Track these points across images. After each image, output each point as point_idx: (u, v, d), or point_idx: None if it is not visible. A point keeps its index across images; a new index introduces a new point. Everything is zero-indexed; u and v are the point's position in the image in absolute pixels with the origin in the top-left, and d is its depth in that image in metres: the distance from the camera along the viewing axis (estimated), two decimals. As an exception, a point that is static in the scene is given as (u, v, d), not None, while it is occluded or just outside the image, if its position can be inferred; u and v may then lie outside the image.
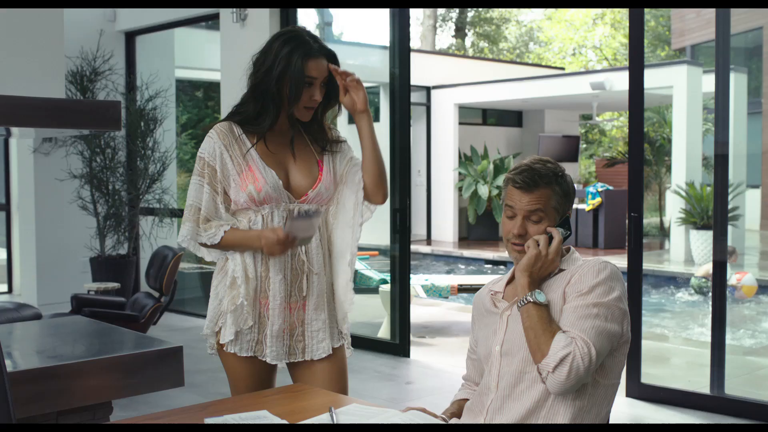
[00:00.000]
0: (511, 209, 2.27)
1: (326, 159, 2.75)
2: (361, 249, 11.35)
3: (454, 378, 2.67)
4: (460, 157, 16.43)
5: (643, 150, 5.28)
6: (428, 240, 16.46)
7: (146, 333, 5.66)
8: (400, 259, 6.40)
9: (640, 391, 5.17)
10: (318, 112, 2.73)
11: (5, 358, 2.97)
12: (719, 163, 5.20)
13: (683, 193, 12.49)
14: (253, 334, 2.68)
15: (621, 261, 4.76)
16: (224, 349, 2.71)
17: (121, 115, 2.86)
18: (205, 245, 2.67)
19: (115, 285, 6.58)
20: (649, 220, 17.72)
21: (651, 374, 5.71)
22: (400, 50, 6.43)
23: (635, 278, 5.16)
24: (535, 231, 2.24)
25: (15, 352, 3.12)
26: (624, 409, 5.03)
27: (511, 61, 25.08)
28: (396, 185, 6.34)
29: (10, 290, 9.46)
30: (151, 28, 8.41)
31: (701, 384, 5.29)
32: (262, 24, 6.90)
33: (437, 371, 6.03)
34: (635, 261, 5.16)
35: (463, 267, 14.26)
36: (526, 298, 2.16)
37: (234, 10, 7.00)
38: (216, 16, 7.43)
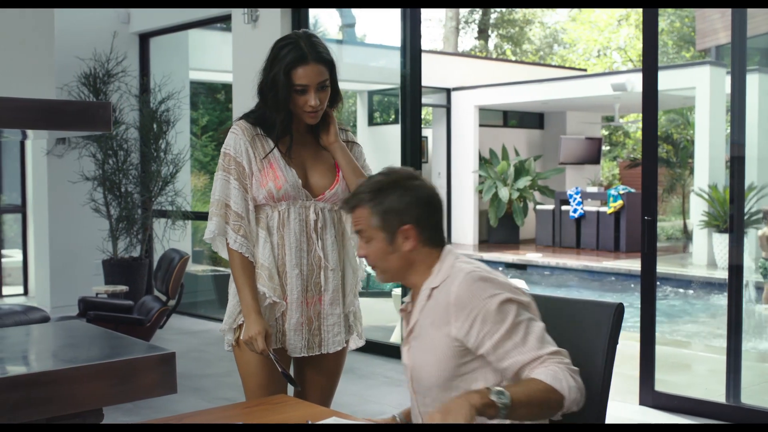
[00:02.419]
0: None
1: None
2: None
3: None
4: (480, 159, 16.30)
5: (657, 153, 5.16)
6: (448, 243, 16.31)
7: (153, 336, 5.62)
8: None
9: (654, 400, 5.04)
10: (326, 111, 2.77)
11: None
12: (735, 165, 5.06)
13: (706, 196, 12.29)
14: (278, 326, 2.75)
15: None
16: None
17: (112, 116, 2.79)
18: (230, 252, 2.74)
19: (123, 288, 6.54)
20: (673, 222, 17.49)
21: (668, 382, 5.58)
22: (411, 51, 6.32)
23: (649, 283, 5.04)
24: (368, 252, 2.18)
25: (4, 357, 3.06)
26: (636, 417, 4.90)
27: (532, 63, 24.91)
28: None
29: (25, 292, 9.48)
30: (164, 29, 8.38)
31: (719, 392, 5.15)
32: (273, 25, 6.84)
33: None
34: (649, 265, 5.04)
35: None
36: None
37: (245, 11, 6.94)
38: (228, 18, 7.38)
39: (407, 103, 6.35)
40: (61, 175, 7.85)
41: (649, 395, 5.05)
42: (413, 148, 6.31)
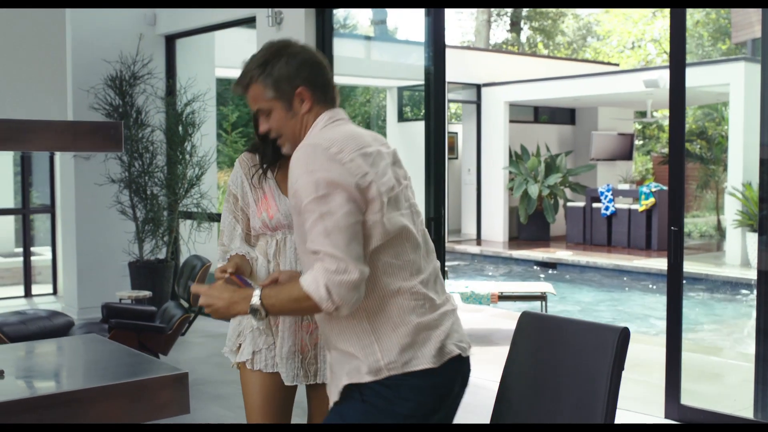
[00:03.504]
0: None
1: None
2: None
3: (488, 393, 2.56)
4: (510, 155, 16.18)
5: (684, 160, 5.03)
6: (478, 240, 16.25)
7: (174, 343, 5.62)
8: (435, 268, 6.23)
9: (680, 413, 4.93)
10: None
11: (6, 378, 2.92)
12: (766, 166, 4.91)
13: (739, 195, 12.09)
14: (273, 351, 2.74)
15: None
16: (246, 366, 2.79)
17: (122, 135, 2.78)
18: None
19: (147, 294, 6.56)
20: (707, 218, 17.24)
21: (696, 392, 5.47)
22: (435, 46, 6.22)
23: (675, 294, 4.93)
24: (270, 124, 2.30)
25: (16, 376, 3.05)
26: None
27: (563, 58, 24.68)
28: (431, 193, 6.19)
29: (54, 291, 9.56)
30: (191, 31, 8.37)
31: (749, 404, 5.04)
32: (297, 26, 6.79)
33: (472, 386, 5.79)
34: (675, 278, 4.92)
35: (507, 269, 14.04)
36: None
37: (269, 12, 6.90)
38: (253, 20, 7.35)
39: (431, 98, 6.27)
40: (88, 178, 7.88)
41: (675, 408, 4.95)
42: (437, 144, 6.23)
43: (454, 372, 2.22)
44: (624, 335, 2.25)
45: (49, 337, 5.79)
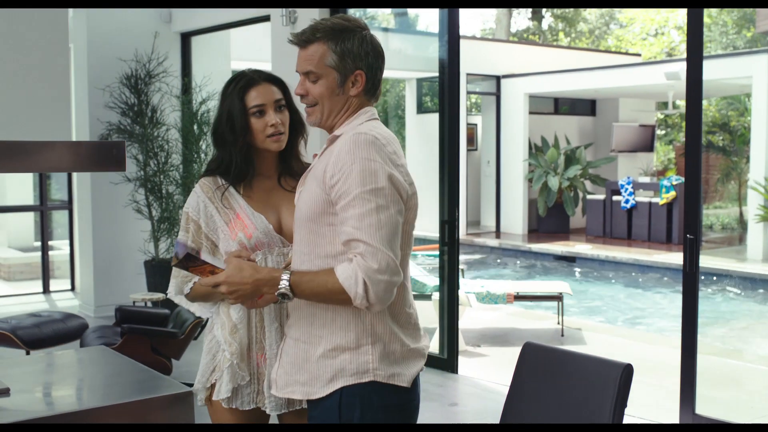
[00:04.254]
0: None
1: None
2: (422, 243, 11.16)
3: (503, 399, 2.52)
4: (530, 147, 16.08)
5: (701, 164, 4.94)
6: (497, 232, 16.18)
7: (187, 347, 5.62)
8: (449, 272, 6.20)
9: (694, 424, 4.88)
10: (290, 146, 2.66)
11: (12, 396, 2.92)
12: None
13: (761, 189, 11.94)
14: (252, 386, 2.61)
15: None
16: (222, 405, 2.65)
17: (125, 155, 2.75)
18: (189, 297, 2.67)
19: (160, 296, 6.57)
20: (729, 210, 17.07)
21: (712, 399, 5.41)
22: (450, 37, 6.15)
23: (690, 302, 4.86)
24: (312, 89, 2.24)
25: (20, 391, 3.05)
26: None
27: (584, 48, 24.46)
28: (444, 196, 6.14)
29: (72, 287, 9.61)
30: (206, 29, 8.34)
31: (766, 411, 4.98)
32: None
33: (484, 391, 5.83)
34: (690, 285, 4.85)
35: (526, 263, 13.96)
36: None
37: (284, 12, 6.87)
38: (268, 18, 7.32)
39: (445, 90, 6.22)
40: (104, 176, 7.90)
41: (689, 418, 4.89)
42: (451, 136, 6.18)
43: None
44: (627, 372, 2.21)
45: (63, 340, 5.82)
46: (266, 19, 7.35)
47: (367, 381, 2.15)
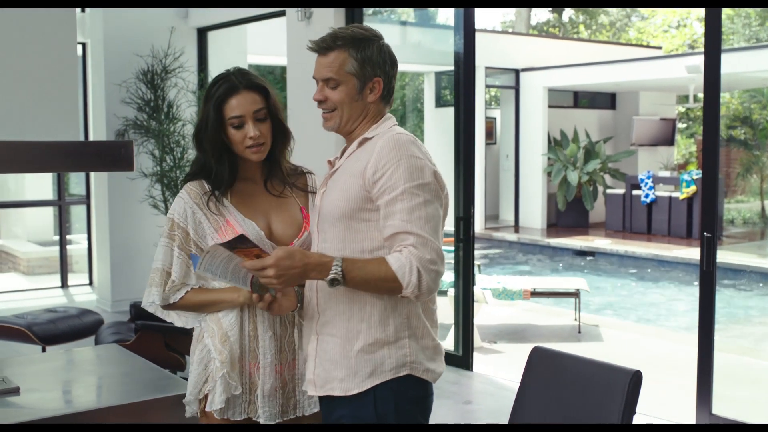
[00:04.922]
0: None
1: (310, 204, 2.61)
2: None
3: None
4: (549, 141, 15.98)
5: (718, 162, 4.88)
6: (516, 227, 16.10)
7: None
8: (464, 268, 6.17)
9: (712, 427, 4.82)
10: (275, 152, 2.59)
11: (22, 395, 2.93)
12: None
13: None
14: (244, 396, 2.54)
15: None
16: (214, 416, 2.55)
17: (133, 154, 2.74)
18: (172, 307, 2.59)
19: (175, 292, 6.56)
20: (751, 204, 16.90)
21: (729, 398, 5.34)
22: (465, 30, 6.11)
23: (707, 301, 4.80)
24: (331, 95, 2.28)
25: (28, 390, 3.05)
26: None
27: (604, 41, 24.26)
28: (459, 193, 6.11)
29: (90, 281, 9.66)
30: (223, 24, 8.34)
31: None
32: (327, 22, 6.72)
33: (499, 389, 5.79)
34: (708, 285, 4.80)
35: (544, 258, 13.89)
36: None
37: (298, 10, 6.85)
38: (283, 13, 7.30)
39: (461, 84, 6.20)
40: (120, 172, 7.91)
41: (705, 418, 4.83)
42: (466, 132, 6.14)
43: None
44: (636, 378, 2.17)
45: (79, 336, 5.84)
46: (282, 14, 7.34)
47: (404, 375, 2.20)
